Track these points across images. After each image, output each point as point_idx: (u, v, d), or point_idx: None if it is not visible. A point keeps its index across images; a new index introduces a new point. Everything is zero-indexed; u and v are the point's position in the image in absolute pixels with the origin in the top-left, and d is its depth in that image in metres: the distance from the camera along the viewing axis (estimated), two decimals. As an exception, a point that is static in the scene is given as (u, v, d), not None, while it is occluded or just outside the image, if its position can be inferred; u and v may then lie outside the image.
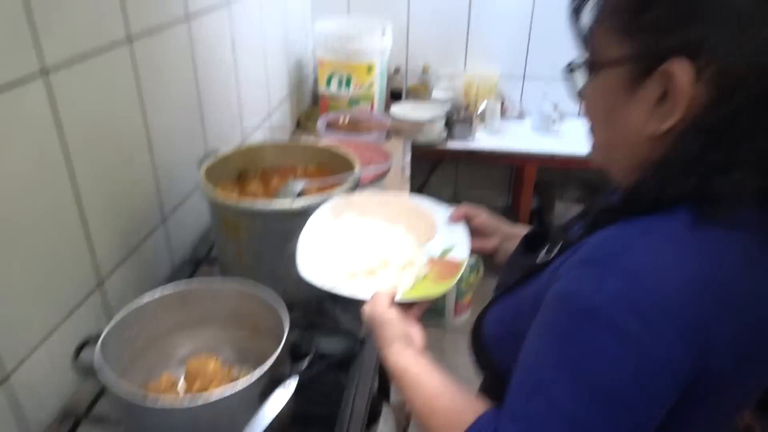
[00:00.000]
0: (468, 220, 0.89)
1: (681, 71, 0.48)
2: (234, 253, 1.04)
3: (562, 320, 0.51)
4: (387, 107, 2.17)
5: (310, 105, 2.29)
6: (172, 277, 1.16)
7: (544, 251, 0.66)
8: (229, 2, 1.41)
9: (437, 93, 2.29)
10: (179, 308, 0.85)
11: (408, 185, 1.68)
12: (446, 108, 2.15)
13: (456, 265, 0.79)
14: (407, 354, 0.64)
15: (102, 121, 0.93)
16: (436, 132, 2.10)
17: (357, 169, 1.09)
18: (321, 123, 1.83)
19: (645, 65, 0.51)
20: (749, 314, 0.50)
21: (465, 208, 0.90)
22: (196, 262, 1.22)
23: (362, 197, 0.95)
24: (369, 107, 2.04)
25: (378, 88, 2.04)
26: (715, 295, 0.48)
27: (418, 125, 1.90)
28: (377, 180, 1.44)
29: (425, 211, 0.93)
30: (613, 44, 0.54)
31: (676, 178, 0.51)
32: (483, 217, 0.90)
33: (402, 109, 2.14)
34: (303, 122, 2.12)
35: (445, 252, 0.83)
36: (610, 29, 0.54)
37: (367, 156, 1.54)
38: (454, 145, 2.13)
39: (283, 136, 2.01)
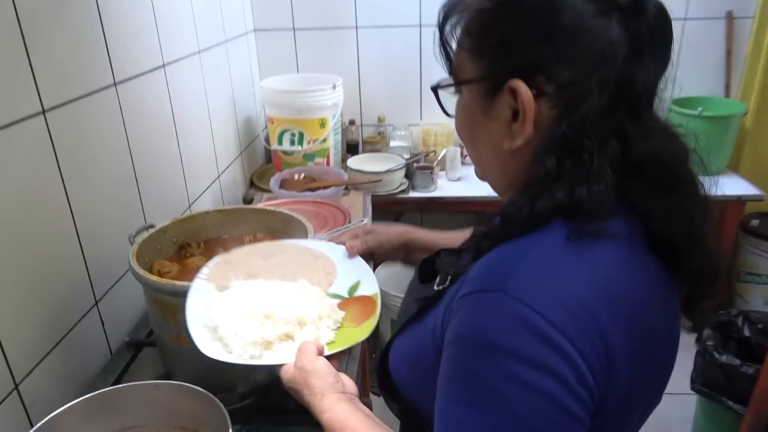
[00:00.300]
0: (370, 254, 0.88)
1: (522, 89, 0.51)
2: (173, 336, 0.92)
3: (466, 359, 0.48)
4: (344, 160, 2.10)
5: (263, 163, 2.20)
6: (108, 367, 1.02)
7: (437, 280, 0.63)
8: (163, 65, 1.33)
9: (395, 143, 2.23)
10: (105, 417, 0.72)
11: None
12: (405, 158, 2.09)
13: (369, 301, 0.74)
14: (342, 407, 0.61)
15: (17, 199, 0.82)
16: (396, 182, 2.03)
17: (311, 237, 0.99)
18: (274, 181, 1.74)
19: (493, 84, 0.54)
20: (636, 321, 0.50)
21: (357, 245, 0.88)
22: (137, 346, 1.08)
23: (241, 254, 0.85)
24: (325, 162, 1.96)
25: (333, 142, 1.97)
26: (606, 304, 0.48)
27: (376, 177, 1.83)
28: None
29: (317, 253, 0.85)
30: (468, 64, 0.56)
31: (542, 195, 0.51)
32: (381, 241, 0.90)
33: (359, 162, 2.07)
34: (256, 181, 2.03)
35: (353, 290, 0.78)
36: (465, 50, 0.57)
37: (324, 215, 1.45)
38: (416, 194, 2.06)
39: (236, 196, 1.91)
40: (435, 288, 0.61)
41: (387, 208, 2.00)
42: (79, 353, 0.98)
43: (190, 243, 1.08)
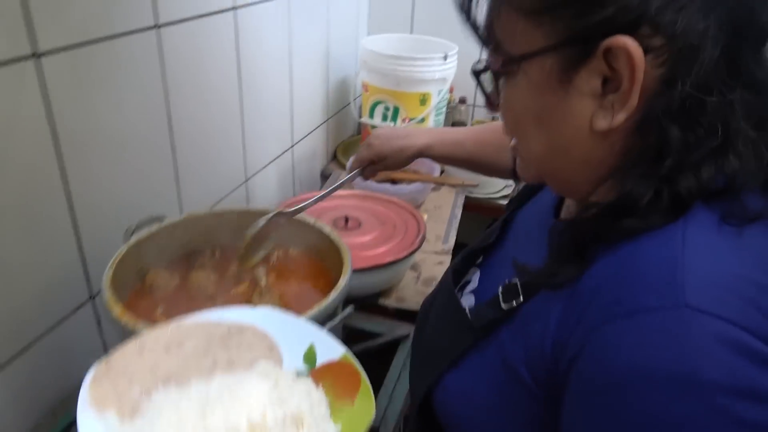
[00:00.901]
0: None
1: (629, 46, 0.40)
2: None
3: (654, 406, 0.37)
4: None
5: (353, 134, 1.93)
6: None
7: (500, 297, 0.51)
8: (235, 5, 1.07)
9: (509, 133, 1.85)
10: None
11: (449, 259, 1.27)
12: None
13: (342, 367, 0.58)
14: None
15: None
16: (499, 184, 1.67)
17: (344, 278, 0.71)
18: (351, 162, 1.46)
19: (578, 49, 0.43)
20: None
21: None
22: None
23: (130, 355, 0.55)
24: (419, 146, 1.65)
25: (433, 123, 1.65)
26: None
27: (473, 181, 1.49)
28: (401, 261, 1.05)
29: (238, 326, 0.60)
30: (529, 31, 0.45)
31: (680, 175, 0.42)
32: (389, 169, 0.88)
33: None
34: (340, 155, 1.76)
35: (310, 358, 0.59)
36: (519, 14, 0.45)
37: (394, 222, 1.15)
38: (523, 201, 1.69)
39: (312, 170, 1.66)
40: (502, 307, 0.50)
41: (483, 213, 1.65)
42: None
43: (203, 249, 0.84)
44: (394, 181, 1.45)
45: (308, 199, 1.21)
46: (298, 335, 0.60)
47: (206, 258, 0.84)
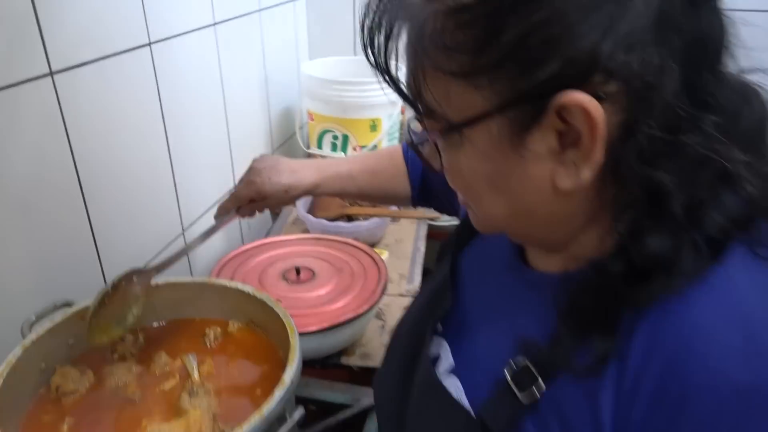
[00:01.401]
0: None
1: (585, 103, 0.35)
2: None
3: None
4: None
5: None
6: None
7: (511, 386, 0.42)
8: (149, 42, 0.94)
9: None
10: None
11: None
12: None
13: None
14: None
15: None
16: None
17: (289, 371, 0.58)
18: (302, 202, 1.34)
19: (526, 111, 0.37)
20: None
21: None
22: None
23: None
24: (373, 174, 1.54)
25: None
26: None
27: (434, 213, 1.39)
28: (362, 316, 0.93)
29: None
30: (466, 94, 0.38)
31: (703, 215, 0.37)
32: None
33: (419, 176, 1.63)
34: (289, 189, 1.63)
35: None
36: (449, 77, 0.38)
37: (352, 269, 1.03)
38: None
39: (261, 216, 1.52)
40: (519, 399, 0.41)
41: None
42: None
43: (123, 335, 0.70)
44: (349, 218, 1.33)
45: (258, 245, 1.08)
46: None
47: (128, 344, 0.69)
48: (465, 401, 0.47)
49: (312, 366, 0.96)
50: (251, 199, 0.77)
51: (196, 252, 1.17)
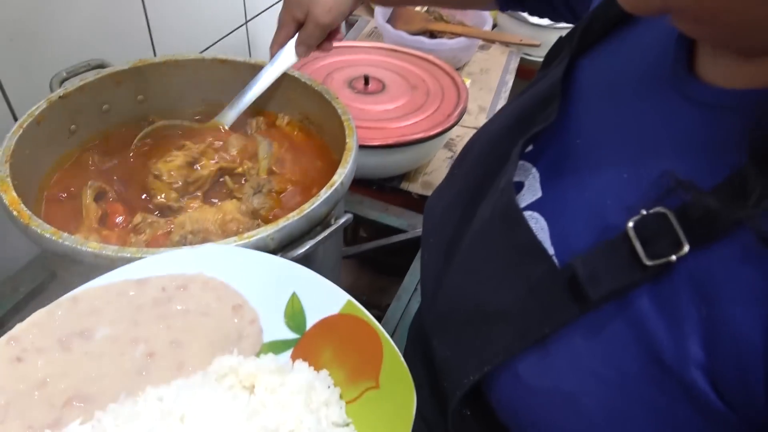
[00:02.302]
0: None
1: None
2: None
3: None
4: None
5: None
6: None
7: (633, 241, 0.30)
8: None
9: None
10: None
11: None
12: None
13: (350, 322, 0.37)
14: None
15: None
16: (564, 45, 1.35)
17: (341, 173, 0.48)
18: (382, 10, 1.17)
19: None
20: None
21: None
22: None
23: (5, 360, 0.35)
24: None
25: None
26: None
27: (534, 40, 1.17)
28: (432, 139, 0.81)
29: (186, 279, 0.40)
30: None
31: None
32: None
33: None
34: (370, -1, 1.44)
35: (296, 318, 0.39)
36: None
37: (428, 88, 0.90)
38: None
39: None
40: (644, 262, 0.29)
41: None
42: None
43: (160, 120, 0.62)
44: (432, 34, 1.16)
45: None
46: (270, 281, 0.40)
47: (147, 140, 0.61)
48: (549, 247, 0.35)
49: (369, 186, 0.88)
50: (299, 21, 0.60)
51: (257, 46, 1.06)
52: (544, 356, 0.33)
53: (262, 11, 1.04)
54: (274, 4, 1.07)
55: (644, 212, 0.30)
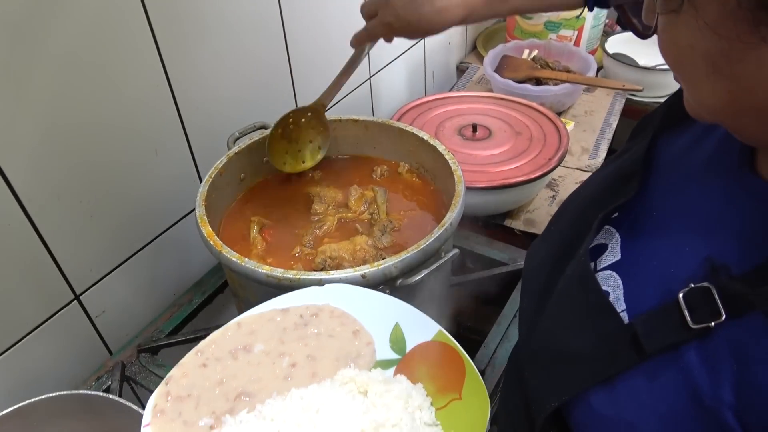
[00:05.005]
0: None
1: None
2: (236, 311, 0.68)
3: None
4: (606, 34, 1.48)
5: (496, 20, 1.69)
6: (202, 283, 0.84)
7: (682, 309, 0.37)
8: None
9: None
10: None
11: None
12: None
13: (436, 349, 0.47)
14: None
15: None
16: (672, 85, 1.37)
17: (452, 213, 0.59)
18: (491, 58, 1.28)
19: None
20: None
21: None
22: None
23: (193, 366, 0.48)
24: (574, 38, 1.39)
25: (594, 11, 1.36)
26: None
27: (635, 85, 1.22)
28: (534, 181, 0.90)
29: (317, 309, 0.52)
30: None
31: None
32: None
33: (624, 44, 1.43)
34: (480, 46, 1.56)
35: (398, 342, 0.50)
36: None
37: (531, 134, 0.99)
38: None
39: (448, 63, 1.49)
40: (690, 326, 0.37)
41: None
42: (169, 258, 0.82)
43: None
44: (538, 81, 1.25)
45: (439, 97, 1.08)
46: (379, 313, 0.51)
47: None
48: (621, 303, 0.43)
49: (475, 222, 0.98)
50: (388, 24, 0.67)
51: (379, 97, 1.21)
52: (610, 391, 0.41)
53: (383, 67, 1.20)
54: (394, 60, 1.22)
55: (692, 285, 0.37)
